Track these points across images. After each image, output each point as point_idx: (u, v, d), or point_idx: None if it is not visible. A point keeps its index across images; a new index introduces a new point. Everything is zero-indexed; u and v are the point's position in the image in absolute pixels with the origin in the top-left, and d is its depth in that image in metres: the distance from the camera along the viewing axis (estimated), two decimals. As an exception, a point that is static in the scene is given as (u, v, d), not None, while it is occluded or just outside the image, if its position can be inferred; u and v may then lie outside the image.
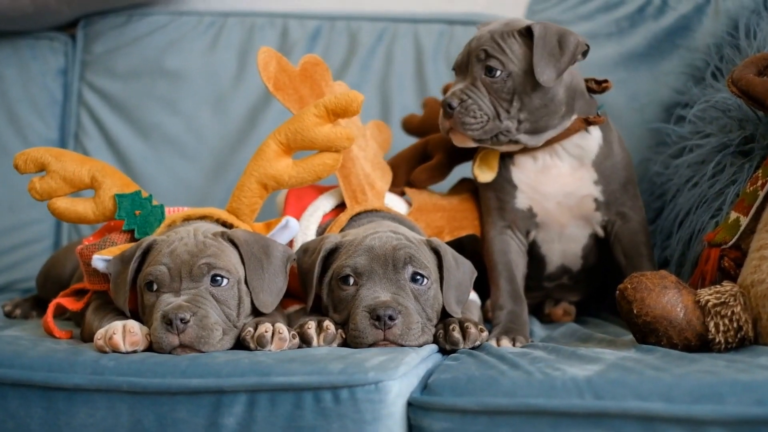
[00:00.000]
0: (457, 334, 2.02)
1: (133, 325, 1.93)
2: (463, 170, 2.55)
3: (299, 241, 2.26)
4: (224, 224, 2.21)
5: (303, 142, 2.20)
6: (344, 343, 2.01)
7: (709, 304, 1.92)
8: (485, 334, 2.08)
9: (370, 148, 2.49)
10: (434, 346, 2.02)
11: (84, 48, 3.29)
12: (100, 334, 1.92)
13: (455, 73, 2.38)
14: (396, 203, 2.41)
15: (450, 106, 2.28)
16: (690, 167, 2.52)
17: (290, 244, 2.26)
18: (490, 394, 1.71)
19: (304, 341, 1.99)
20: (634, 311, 1.94)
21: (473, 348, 2.03)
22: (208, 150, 3.19)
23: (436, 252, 2.12)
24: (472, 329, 2.03)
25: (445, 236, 2.37)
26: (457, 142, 2.34)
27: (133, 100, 3.23)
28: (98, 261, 2.10)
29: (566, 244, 2.46)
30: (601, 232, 2.45)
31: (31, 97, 3.26)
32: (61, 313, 2.38)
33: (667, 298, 1.93)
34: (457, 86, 2.32)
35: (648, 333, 1.93)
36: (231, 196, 2.25)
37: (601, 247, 2.48)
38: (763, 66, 2.18)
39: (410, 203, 2.43)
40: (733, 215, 2.12)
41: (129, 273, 2.02)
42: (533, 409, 1.68)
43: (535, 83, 2.24)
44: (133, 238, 2.17)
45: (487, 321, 2.42)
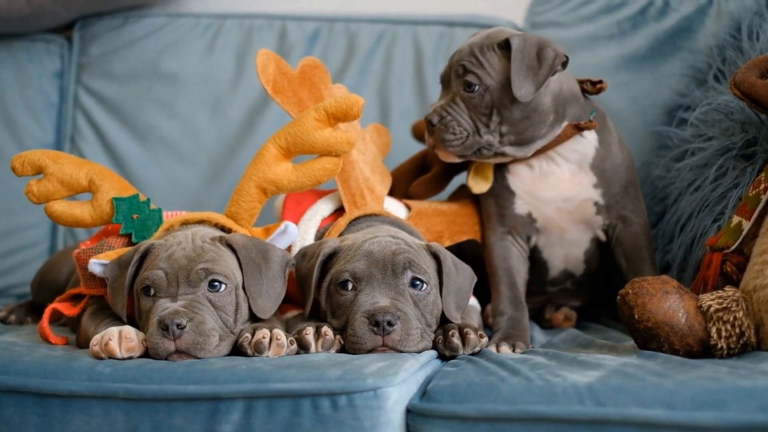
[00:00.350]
0: (456, 340, 2.02)
1: (129, 330, 1.93)
2: (464, 177, 2.55)
3: (298, 246, 2.26)
4: (223, 229, 2.21)
5: (303, 146, 2.21)
6: (342, 349, 2.01)
7: (711, 309, 1.91)
8: (485, 340, 2.08)
9: (369, 151, 2.49)
10: (433, 352, 2.02)
11: (80, 50, 3.29)
12: (95, 339, 1.92)
13: (441, 86, 2.40)
14: (395, 208, 2.41)
15: (431, 123, 2.32)
16: (692, 171, 2.52)
17: (289, 249, 2.26)
18: (490, 401, 1.71)
19: (302, 347, 1.99)
20: (636, 316, 1.94)
21: (473, 354, 2.03)
22: (206, 153, 3.20)
23: (435, 257, 2.13)
24: (472, 335, 2.03)
25: (444, 241, 2.37)
26: (442, 158, 2.37)
27: (130, 102, 3.24)
28: (95, 265, 2.10)
29: (568, 248, 2.46)
30: (602, 236, 2.45)
31: (27, 99, 3.26)
32: (57, 319, 2.38)
33: (668, 303, 1.93)
34: (438, 102, 2.35)
35: (649, 339, 1.93)
36: (230, 201, 2.25)
37: (604, 252, 2.48)
38: (766, 68, 2.18)
39: (409, 208, 2.43)
40: (736, 219, 2.12)
41: (126, 277, 2.02)
42: (534, 416, 1.67)
43: (515, 96, 2.24)
44: (130, 242, 2.17)
45: (487, 327, 2.42)
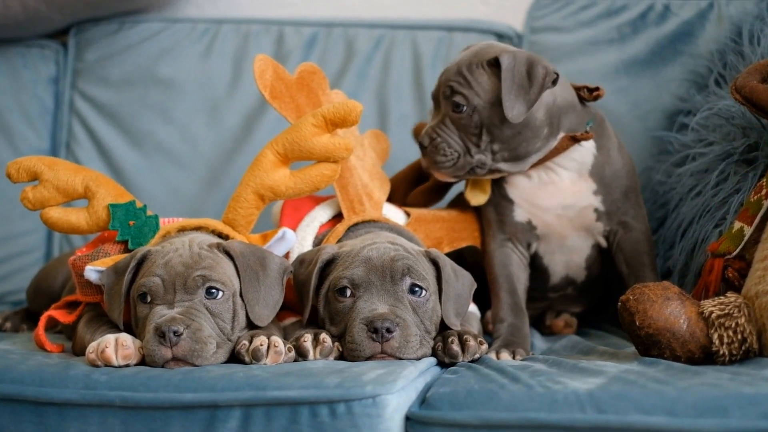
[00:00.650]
0: (456, 347, 2.02)
1: (125, 338, 1.93)
2: (462, 185, 2.55)
3: (296, 253, 2.26)
4: (220, 235, 2.21)
5: (301, 152, 2.21)
6: (341, 357, 2.01)
7: (713, 315, 1.91)
8: (485, 346, 2.08)
9: (368, 158, 2.49)
10: (433, 359, 2.02)
11: (76, 56, 3.29)
12: (92, 347, 1.92)
13: (433, 104, 2.40)
14: (394, 214, 2.41)
15: (422, 145, 2.34)
16: (693, 176, 2.53)
17: (287, 255, 2.26)
18: (490, 408, 1.71)
19: (300, 354, 1.99)
20: (637, 323, 1.94)
21: (472, 361, 2.03)
22: (203, 159, 3.20)
23: (434, 263, 2.13)
24: (472, 342, 2.03)
25: (444, 247, 2.37)
26: (438, 178, 2.38)
27: (126, 108, 3.24)
28: (91, 272, 2.10)
29: (569, 255, 2.46)
30: (603, 243, 2.45)
31: (22, 106, 3.26)
32: (53, 326, 2.38)
33: (670, 309, 1.93)
34: (430, 122, 2.36)
35: (651, 345, 1.93)
36: (227, 207, 2.25)
37: (605, 258, 2.49)
38: (767, 73, 2.18)
39: (408, 214, 2.43)
40: (737, 225, 2.12)
41: (123, 284, 2.02)
42: (534, 424, 1.67)
43: (504, 113, 2.23)
44: (126, 249, 2.17)
45: (487, 334, 2.42)
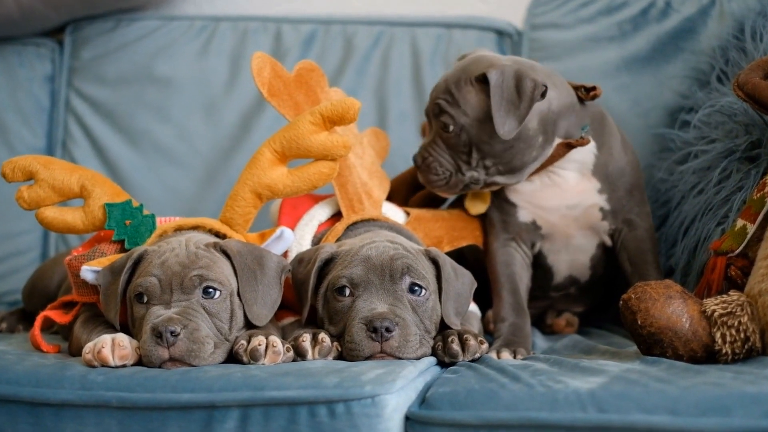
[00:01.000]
0: (456, 347, 2.02)
1: (122, 338, 1.93)
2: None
3: (294, 252, 2.26)
4: (217, 234, 2.21)
5: (298, 150, 2.21)
6: (340, 356, 2.01)
7: (716, 314, 1.91)
8: (485, 346, 2.08)
9: (367, 156, 2.49)
10: (432, 359, 2.02)
11: (72, 54, 3.29)
12: (88, 347, 1.92)
13: (427, 120, 2.42)
14: (394, 213, 2.41)
15: (415, 163, 2.38)
16: (695, 173, 2.53)
17: (285, 254, 2.26)
18: (490, 408, 1.71)
19: (299, 354, 1.98)
20: (639, 322, 1.94)
21: (473, 360, 2.03)
22: (200, 158, 3.20)
23: (434, 262, 2.12)
24: (472, 341, 2.03)
25: (444, 246, 2.37)
26: (438, 194, 2.41)
27: (123, 107, 3.24)
28: (87, 272, 2.10)
29: (573, 254, 2.46)
30: (609, 241, 2.45)
31: (18, 104, 3.26)
32: (49, 327, 2.38)
33: (672, 308, 1.93)
34: (424, 140, 2.39)
35: (653, 344, 1.93)
36: (224, 206, 2.25)
37: (609, 257, 2.48)
38: (770, 69, 2.18)
39: (408, 213, 2.43)
40: (740, 223, 2.12)
41: (119, 284, 2.02)
42: (535, 423, 1.67)
43: (493, 129, 2.22)
44: (123, 249, 2.17)
45: (488, 333, 2.42)
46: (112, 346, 1.91)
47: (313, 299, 2.10)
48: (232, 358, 1.97)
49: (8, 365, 1.92)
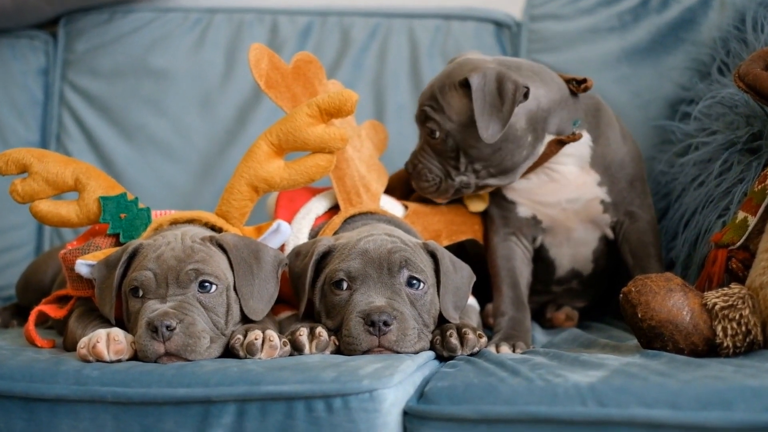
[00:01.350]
0: (454, 341, 2.02)
1: (117, 333, 1.93)
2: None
3: (291, 245, 2.26)
4: (213, 228, 2.21)
5: (295, 142, 2.20)
6: (337, 351, 2.01)
7: (717, 307, 1.91)
8: (484, 340, 2.07)
9: (365, 148, 2.49)
10: (431, 353, 2.02)
11: (65, 47, 3.29)
12: (83, 342, 1.92)
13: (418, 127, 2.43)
14: (392, 206, 2.41)
15: (407, 170, 2.41)
16: (696, 166, 2.52)
17: (282, 248, 2.26)
18: (489, 402, 1.70)
19: (296, 348, 1.98)
20: (639, 315, 1.93)
21: (471, 355, 2.03)
22: (196, 151, 3.19)
23: (432, 255, 2.12)
24: (471, 335, 2.03)
25: (442, 240, 2.37)
26: (433, 199, 2.41)
27: (117, 100, 3.23)
28: (82, 266, 2.09)
29: (575, 247, 2.46)
30: (611, 234, 2.45)
31: (11, 98, 3.26)
32: (43, 321, 2.37)
33: (672, 301, 1.93)
34: (416, 146, 2.41)
35: (653, 338, 1.93)
36: (220, 199, 2.24)
37: (612, 250, 2.48)
38: (771, 60, 2.18)
39: (407, 206, 2.43)
40: (741, 215, 2.12)
41: (114, 278, 2.02)
42: (534, 418, 1.67)
43: (482, 138, 2.22)
44: (118, 243, 2.16)
45: (487, 327, 2.42)
46: (107, 341, 1.91)
47: (311, 293, 2.10)
48: (228, 352, 1.97)
49: (2, 360, 1.92)
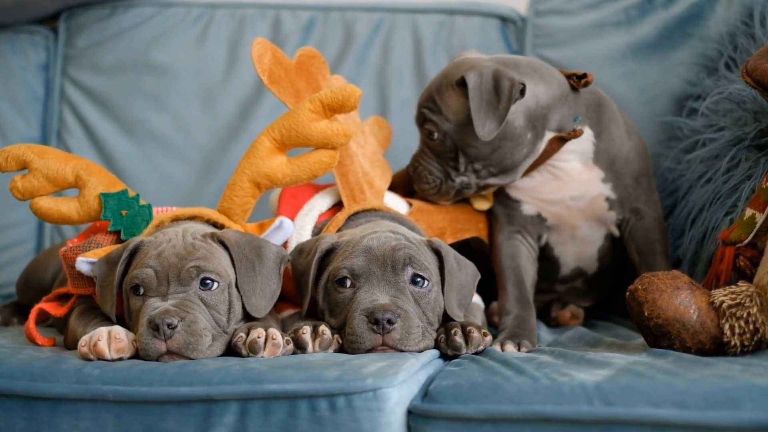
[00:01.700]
0: (459, 339, 2.02)
1: (118, 331, 1.92)
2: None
3: (294, 242, 2.26)
4: (215, 225, 2.21)
5: (298, 138, 2.20)
6: (341, 349, 2.01)
7: (724, 305, 1.91)
8: (489, 338, 2.07)
9: (369, 145, 2.49)
10: (435, 352, 2.02)
11: (66, 42, 3.29)
12: (84, 340, 1.92)
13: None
14: (396, 203, 2.40)
15: (408, 173, 2.42)
16: (703, 162, 2.52)
17: (285, 245, 2.25)
18: (494, 401, 1.70)
19: (299, 347, 1.98)
20: (645, 313, 1.93)
21: (476, 353, 2.03)
22: (197, 147, 3.19)
23: (437, 253, 2.12)
24: (475, 333, 2.03)
25: (447, 238, 2.37)
26: (435, 201, 2.42)
27: (118, 95, 3.23)
28: (83, 263, 2.09)
29: (581, 246, 2.46)
30: (616, 232, 2.44)
31: (11, 93, 3.26)
32: (44, 320, 2.37)
33: (679, 299, 1.92)
34: (416, 151, 2.41)
35: (660, 336, 1.93)
36: (222, 196, 2.24)
37: (618, 248, 2.48)
38: (779, 55, 2.18)
39: (411, 204, 2.43)
40: (749, 212, 2.12)
41: (115, 276, 2.02)
42: (540, 417, 1.67)
43: (478, 136, 2.22)
44: (119, 240, 2.16)
45: (492, 326, 2.42)
46: (109, 339, 1.91)
47: (314, 291, 2.10)
48: (230, 350, 1.97)
49: (2, 359, 1.92)
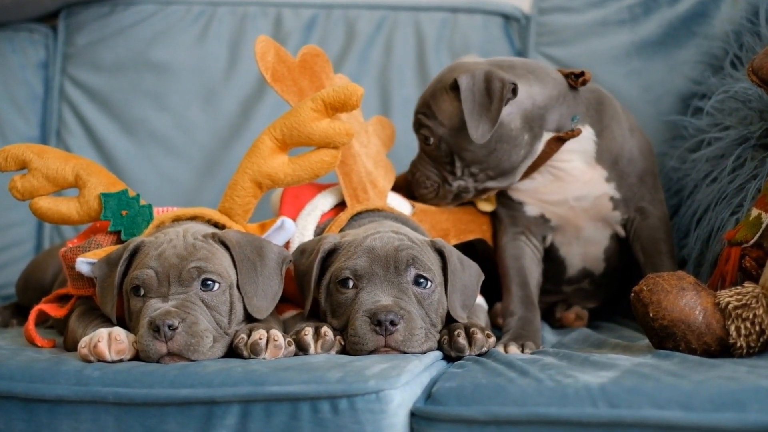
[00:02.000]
0: (462, 340, 2.01)
1: (119, 332, 1.92)
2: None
3: (296, 242, 2.25)
4: (216, 225, 2.20)
5: (299, 137, 2.20)
6: (343, 350, 2.01)
7: (730, 306, 1.91)
8: (492, 339, 2.07)
9: (372, 144, 2.48)
10: (438, 353, 2.02)
11: (66, 40, 3.29)
12: (84, 342, 1.92)
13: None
14: (399, 203, 2.40)
15: (408, 179, 2.42)
16: (708, 161, 2.52)
17: (287, 245, 2.25)
18: (498, 403, 1.70)
19: (301, 348, 1.98)
20: (651, 314, 1.93)
21: (480, 355, 2.02)
22: (198, 147, 3.19)
23: (440, 253, 2.12)
24: (479, 335, 2.02)
25: (450, 239, 2.37)
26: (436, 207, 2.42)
27: (119, 94, 3.23)
28: (83, 264, 2.09)
29: (586, 246, 2.46)
30: (622, 232, 2.44)
31: (10, 92, 3.26)
32: (44, 321, 2.37)
33: (684, 300, 1.92)
34: (414, 157, 2.43)
35: (665, 337, 1.93)
36: (223, 196, 2.24)
37: (625, 249, 2.47)
38: (785, 54, 2.17)
39: (414, 204, 2.42)
40: (755, 212, 2.12)
41: (116, 277, 2.01)
42: (544, 419, 1.67)
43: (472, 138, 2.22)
44: (119, 240, 2.16)
45: (495, 327, 2.42)
46: (109, 341, 1.91)
47: (316, 291, 2.10)
48: (231, 352, 1.97)
49: (2, 360, 1.92)
